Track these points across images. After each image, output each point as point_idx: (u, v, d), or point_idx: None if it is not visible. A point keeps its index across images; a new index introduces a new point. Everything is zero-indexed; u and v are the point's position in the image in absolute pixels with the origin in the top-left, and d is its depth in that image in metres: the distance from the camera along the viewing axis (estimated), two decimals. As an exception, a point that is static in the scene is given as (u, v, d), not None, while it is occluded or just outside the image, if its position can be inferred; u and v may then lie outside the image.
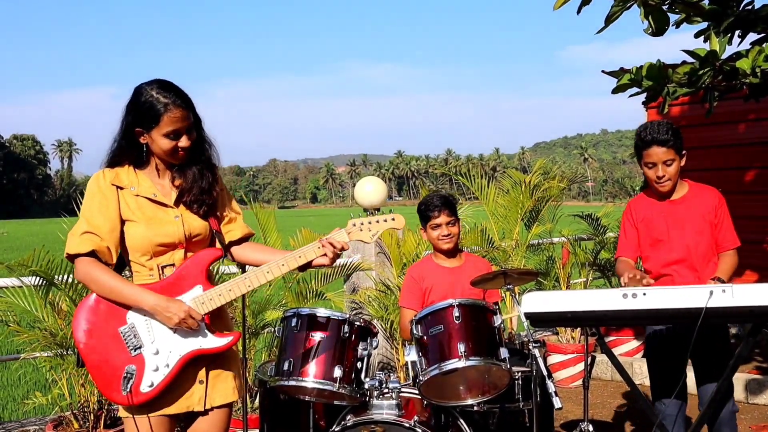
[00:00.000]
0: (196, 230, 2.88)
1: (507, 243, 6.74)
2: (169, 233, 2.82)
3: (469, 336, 3.42)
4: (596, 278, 7.63)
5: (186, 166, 2.87)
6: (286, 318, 3.61)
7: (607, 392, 6.65)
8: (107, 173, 2.83)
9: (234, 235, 3.02)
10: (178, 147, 2.79)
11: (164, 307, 2.71)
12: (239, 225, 3.05)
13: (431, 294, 4.11)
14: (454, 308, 3.48)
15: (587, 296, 3.23)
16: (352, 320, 3.53)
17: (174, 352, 2.75)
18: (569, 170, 15.83)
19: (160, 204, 2.85)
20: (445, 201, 4.18)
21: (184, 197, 2.87)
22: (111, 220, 2.76)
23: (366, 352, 3.53)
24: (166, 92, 2.75)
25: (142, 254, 2.81)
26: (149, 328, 2.75)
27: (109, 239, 2.75)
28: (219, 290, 2.81)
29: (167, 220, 2.83)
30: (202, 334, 2.78)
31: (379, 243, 6.28)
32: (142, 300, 2.72)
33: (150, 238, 2.79)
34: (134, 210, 2.81)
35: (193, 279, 2.80)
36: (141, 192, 2.83)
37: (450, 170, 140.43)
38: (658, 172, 3.76)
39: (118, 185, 2.81)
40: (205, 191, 2.88)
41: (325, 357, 3.43)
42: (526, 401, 3.72)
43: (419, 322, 3.56)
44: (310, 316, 3.53)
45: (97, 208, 2.77)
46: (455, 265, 4.21)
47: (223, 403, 2.88)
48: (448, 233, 4.13)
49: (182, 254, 2.84)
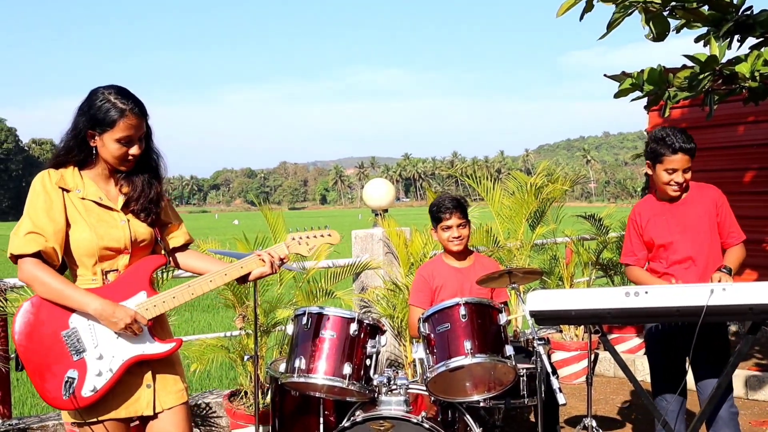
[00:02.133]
0: (142, 236, 2.82)
1: (512, 243, 6.73)
2: (116, 237, 2.75)
3: (475, 333, 3.42)
4: (599, 277, 7.61)
5: (133, 174, 2.82)
6: (296, 316, 3.63)
7: (609, 388, 6.63)
8: (52, 174, 2.73)
9: (177, 242, 3.00)
10: (128, 154, 2.73)
11: (110, 312, 2.65)
12: (182, 232, 3.02)
13: (441, 293, 4.11)
14: (461, 306, 3.48)
15: (590, 295, 3.22)
16: (361, 318, 3.54)
17: (117, 357, 2.70)
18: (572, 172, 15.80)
19: (106, 208, 2.78)
20: (457, 203, 4.16)
21: (131, 205, 2.81)
22: (56, 222, 2.67)
23: (375, 349, 3.54)
24: (125, 99, 2.70)
25: (87, 258, 2.72)
26: (92, 333, 2.68)
27: (54, 241, 2.66)
28: (163, 297, 2.76)
29: (114, 224, 2.77)
30: (146, 340, 2.74)
31: (387, 242, 6.29)
32: (87, 304, 2.64)
33: (96, 241, 2.71)
34: (81, 212, 2.73)
35: (137, 285, 2.75)
36: (87, 195, 2.75)
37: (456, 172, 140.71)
38: (677, 178, 3.74)
39: (63, 187, 2.73)
40: (153, 201, 2.84)
41: (335, 354, 3.44)
42: (531, 397, 3.72)
43: (427, 321, 3.56)
44: (320, 314, 3.54)
45: (42, 208, 2.67)
46: (465, 265, 4.21)
47: (174, 404, 2.83)
48: (459, 235, 4.12)
49: (127, 260, 2.78)
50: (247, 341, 5.23)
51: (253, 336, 4.54)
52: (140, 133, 2.75)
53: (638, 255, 3.95)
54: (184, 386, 2.89)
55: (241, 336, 5.33)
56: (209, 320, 11.95)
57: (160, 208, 2.89)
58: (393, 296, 5.91)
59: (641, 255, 3.95)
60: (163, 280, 4.84)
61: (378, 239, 6.33)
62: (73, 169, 2.77)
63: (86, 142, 2.73)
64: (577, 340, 6.99)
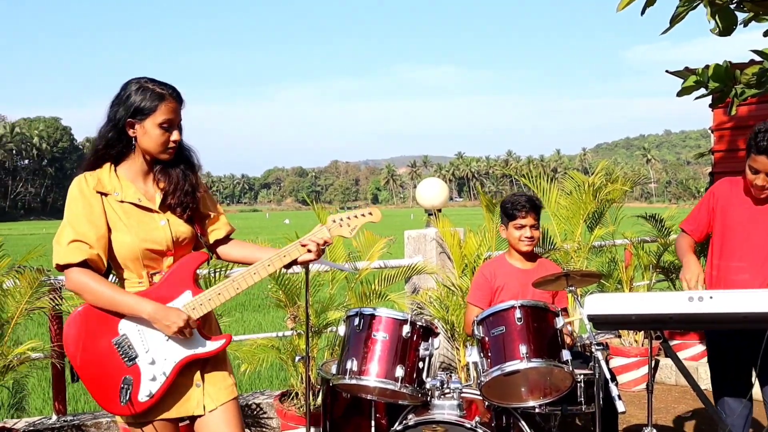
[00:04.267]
0: (183, 234, 2.83)
1: (569, 245, 6.65)
2: (158, 239, 2.76)
3: (531, 337, 3.39)
4: (660, 281, 7.46)
5: (170, 167, 2.83)
6: (348, 317, 3.64)
7: (671, 397, 6.50)
8: (89, 178, 2.74)
9: (219, 234, 3.01)
10: (169, 140, 2.75)
11: (163, 315, 2.66)
12: (222, 223, 3.03)
13: (501, 294, 4.08)
14: (516, 309, 3.45)
15: (651, 299, 3.16)
16: (414, 320, 3.54)
17: (169, 360, 2.72)
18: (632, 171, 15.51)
19: (145, 209, 2.78)
20: (533, 204, 4.12)
21: (168, 199, 2.81)
22: (98, 228, 2.68)
23: (427, 352, 3.53)
24: (161, 84, 2.75)
25: (131, 261, 2.74)
26: (142, 338, 2.71)
27: (98, 247, 2.66)
28: (208, 295, 2.77)
29: (154, 226, 2.77)
30: (195, 340, 2.76)
31: (440, 243, 6.28)
32: (141, 309, 2.66)
33: (138, 245, 2.72)
34: (120, 216, 2.73)
35: (181, 284, 2.76)
36: (125, 198, 2.75)
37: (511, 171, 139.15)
38: (758, 181, 3.62)
39: (101, 191, 2.73)
40: (189, 194, 2.84)
41: (387, 356, 3.44)
42: (588, 404, 3.67)
43: (481, 323, 3.55)
44: (373, 315, 3.55)
45: (82, 214, 2.67)
46: (529, 267, 4.17)
47: (224, 401, 2.85)
48: (531, 236, 4.09)
49: (171, 261, 2.80)
50: (298, 342, 5.28)
51: (304, 337, 4.58)
52: (179, 119, 2.79)
53: (697, 226, 3.90)
54: (232, 382, 2.92)
55: (292, 336, 5.38)
56: (260, 320, 12.09)
57: (196, 201, 2.89)
58: (446, 298, 5.89)
59: (701, 227, 3.90)
60: (215, 280, 4.91)
61: (431, 240, 6.32)
62: (109, 170, 2.78)
63: (125, 133, 2.74)
64: (636, 345, 6.88)
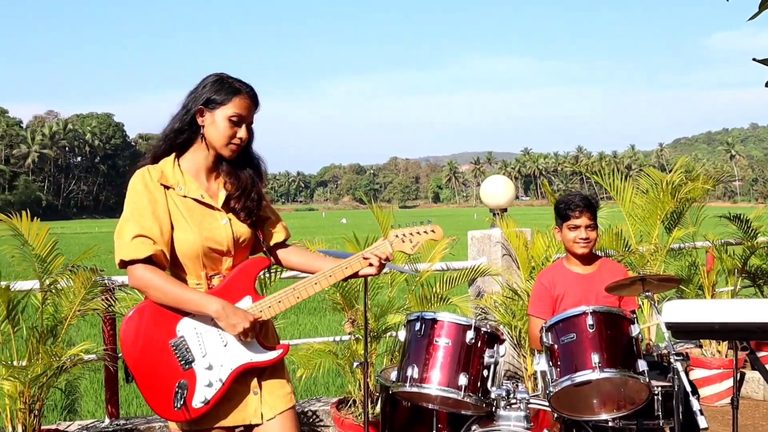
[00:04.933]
0: (243, 235, 2.87)
1: (645, 247, 6.53)
2: (219, 239, 2.79)
3: (603, 346, 3.34)
4: (745, 287, 7.26)
5: (240, 168, 2.89)
6: (409, 322, 3.65)
7: (759, 413, 6.32)
8: (153, 171, 2.77)
9: (278, 237, 3.06)
10: (235, 135, 2.80)
11: (231, 313, 2.69)
12: (281, 227, 3.08)
13: (563, 302, 4.03)
14: (588, 315, 3.41)
15: (737, 306, 3.09)
16: (478, 326, 3.52)
17: (225, 366, 2.74)
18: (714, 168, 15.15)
19: (208, 206, 2.81)
20: (588, 203, 4.07)
21: (233, 203, 2.85)
22: (163, 223, 2.71)
23: (492, 359, 3.51)
24: (240, 81, 2.84)
25: (190, 261, 2.77)
26: (200, 341, 2.73)
27: (162, 243, 2.70)
28: (269, 302, 2.81)
29: (216, 224, 2.81)
30: (253, 347, 2.79)
31: (505, 245, 6.23)
32: (207, 305, 2.69)
33: (200, 243, 2.75)
34: (183, 212, 2.76)
35: (242, 289, 2.79)
36: (189, 193, 2.79)
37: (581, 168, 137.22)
38: None
39: (165, 185, 2.76)
40: (255, 201, 2.89)
41: (450, 363, 3.43)
42: (666, 419, 3.59)
43: (550, 330, 3.51)
44: (434, 320, 3.55)
45: (147, 208, 2.70)
46: (589, 271, 4.11)
47: (282, 409, 2.88)
48: (586, 237, 4.03)
49: (230, 263, 2.83)
50: (357, 347, 5.31)
51: (362, 341, 4.60)
52: (250, 119, 2.84)
53: None
54: (290, 389, 2.95)
55: (350, 341, 5.41)
56: (316, 324, 12.20)
57: (261, 208, 2.94)
58: (512, 303, 5.85)
59: None
60: (270, 281, 4.98)
61: (496, 241, 6.29)
62: (174, 163, 2.82)
63: (195, 121, 2.80)
64: (719, 356, 6.70)
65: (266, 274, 4.95)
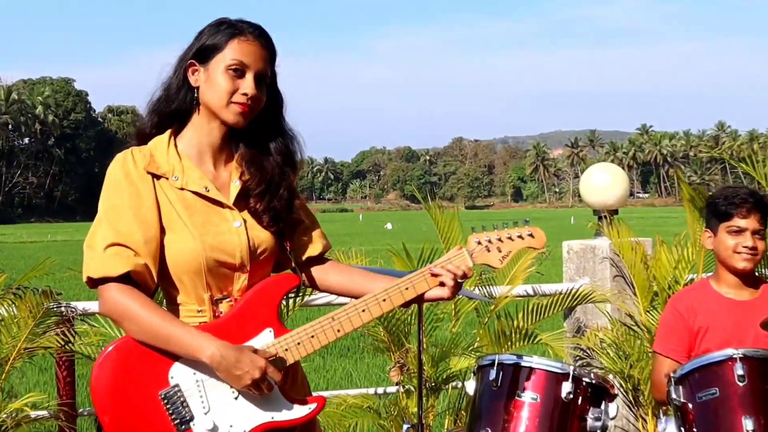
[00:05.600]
0: (263, 244, 2.85)
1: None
2: (229, 248, 2.77)
3: (760, 406, 3.32)
4: None
5: (263, 151, 2.88)
6: (481, 368, 3.65)
7: None
8: (138, 155, 2.78)
9: (313, 250, 3.02)
10: (237, 90, 2.76)
11: (233, 360, 2.64)
12: (317, 236, 3.04)
13: (706, 339, 3.98)
14: (736, 362, 3.39)
15: None
16: (579, 375, 3.51)
17: (236, 427, 2.71)
18: None
19: (214, 202, 2.81)
20: (758, 201, 4.00)
21: (252, 202, 2.85)
22: (148, 226, 2.70)
23: (599, 422, 3.49)
24: (246, 21, 2.84)
25: (189, 279, 2.76)
26: (201, 392, 2.71)
27: (146, 254, 2.68)
28: (296, 336, 2.77)
29: (225, 227, 2.79)
30: (275, 401, 2.74)
31: (616, 261, 6.18)
32: (200, 348, 2.64)
33: (202, 253, 2.73)
34: (179, 210, 2.76)
35: (260, 319, 2.77)
36: (187, 184, 2.78)
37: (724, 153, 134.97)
38: None
39: (153, 173, 2.76)
40: (284, 200, 2.87)
41: (539, 427, 3.43)
42: None
43: (681, 382, 3.49)
44: (517, 366, 3.54)
45: (127, 207, 2.70)
46: (748, 297, 4.05)
47: None
48: (753, 246, 3.98)
49: (244, 281, 2.82)
50: (407, 402, 5.30)
51: (415, 395, 4.59)
52: (259, 68, 2.80)
53: None
54: None
55: (398, 394, 5.41)
56: (350, 369, 12.21)
57: (292, 211, 2.91)
58: (626, 342, 5.80)
59: None
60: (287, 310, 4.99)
61: (602, 255, 6.27)
62: (168, 143, 2.82)
63: (188, 83, 2.82)
64: None
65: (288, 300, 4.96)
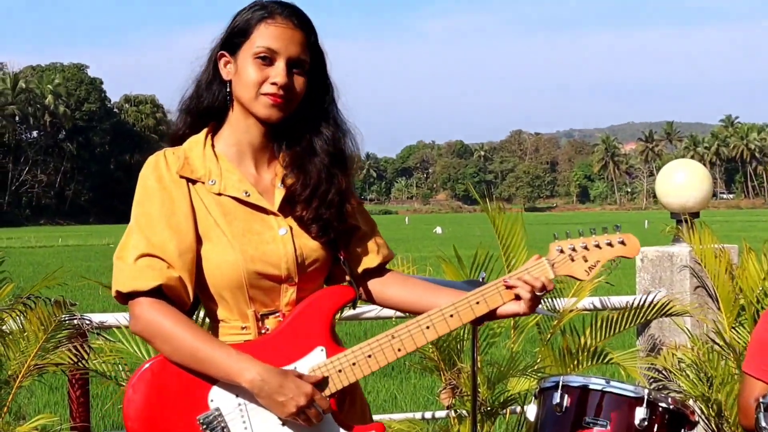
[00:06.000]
0: (312, 254, 2.84)
1: None
2: (273, 259, 2.77)
3: None
4: None
5: (310, 151, 2.85)
6: (542, 391, 3.67)
7: None
8: (171, 158, 2.79)
9: (371, 261, 3.00)
10: (267, 80, 2.75)
11: (275, 387, 2.64)
12: (376, 245, 3.02)
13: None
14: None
15: None
16: (654, 399, 3.52)
17: None
18: None
19: (256, 208, 2.81)
20: None
21: (299, 209, 2.84)
22: (182, 236, 2.72)
23: (677, 453, 3.48)
24: (276, 2, 2.81)
25: (230, 293, 2.77)
26: (244, 417, 2.72)
27: (180, 266, 2.70)
28: (352, 356, 2.76)
29: (269, 236, 2.79)
30: (327, 428, 2.75)
31: (698, 273, 6.14)
32: (239, 372, 2.65)
33: (243, 265, 2.74)
34: (217, 219, 2.77)
35: (310, 337, 2.77)
36: (225, 188, 2.79)
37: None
38: None
39: (188, 177, 2.78)
40: (333, 204, 2.84)
41: (608, 458, 3.42)
42: None
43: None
44: (583, 389, 3.56)
45: (159, 215, 2.72)
46: None
47: None
48: None
49: (292, 294, 2.82)
50: (459, 428, 5.31)
51: (469, 420, 4.59)
52: (292, 53, 2.77)
53: None
54: None
55: (449, 419, 5.41)
56: (394, 391, 12.22)
57: (344, 218, 2.88)
58: (708, 363, 5.77)
59: None
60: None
61: (682, 264, 6.24)
62: (204, 143, 2.84)
63: (218, 76, 2.84)
64: None
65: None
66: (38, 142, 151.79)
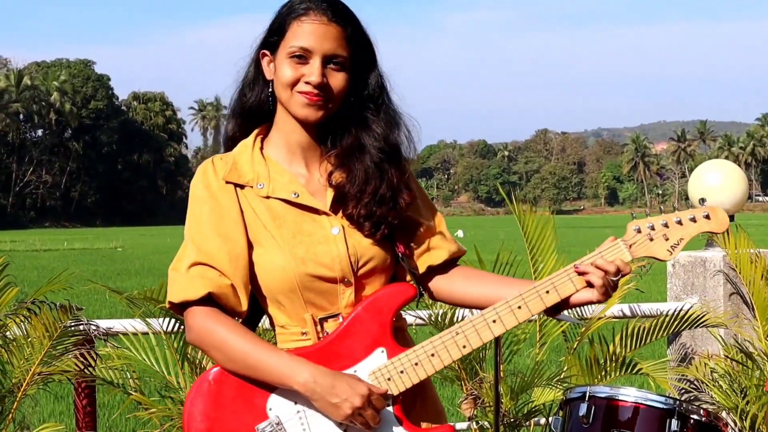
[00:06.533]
0: (368, 254, 2.84)
1: None
2: (326, 260, 2.78)
3: None
4: None
5: (359, 149, 2.85)
6: (568, 402, 3.67)
7: None
8: (219, 164, 2.85)
9: (436, 258, 2.97)
10: (300, 79, 2.76)
11: (327, 388, 2.65)
12: (443, 241, 3.00)
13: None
14: None
15: None
16: (686, 411, 3.51)
17: None
18: None
19: (307, 209, 2.83)
20: None
21: (348, 206, 2.84)
22: (232, 242, 2.76)
23: (709, 467, 3.48)
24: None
25: (285, 297, 2.80)
26: (304, 424, 2.74)
27: (232, 273, 2.75)
28: (414, 356, 2.76)
29: (321, 236, 2.80)
30: (391, 429, 2.75)
31: (732, 279, 6.12)
32: (291, 374, 2.67)
33: (294, 269, 2.75)
34: (266, 223, 2.80)
35: (370, 338, 2.77)
36: (274, 191, 2.82)
37: None
38: None
39: (235, 182, 2.82)
40: (384, 201, 2.83)
41: (638, 472, 3.43)
42: None
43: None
44: (611, 400, 3.55)
45: (208, 222, 2.77)
46: None
47: None
48: None
49: (350, 296, 2.82)
50: (481, 440, 5.30)
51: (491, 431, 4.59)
52: (328, 50, 2.77)
53: None
54: None
55: (471, 431, 5.40)
56: (414, 401, 12.25)
57: (398, 213, 2.87)
58: (742, 373, 5.75)
59: None
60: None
61: (715, 270, 6.23)
62: (253, 147, 2.88)
63: (261, 76, 2.88)
64: None
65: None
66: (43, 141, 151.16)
